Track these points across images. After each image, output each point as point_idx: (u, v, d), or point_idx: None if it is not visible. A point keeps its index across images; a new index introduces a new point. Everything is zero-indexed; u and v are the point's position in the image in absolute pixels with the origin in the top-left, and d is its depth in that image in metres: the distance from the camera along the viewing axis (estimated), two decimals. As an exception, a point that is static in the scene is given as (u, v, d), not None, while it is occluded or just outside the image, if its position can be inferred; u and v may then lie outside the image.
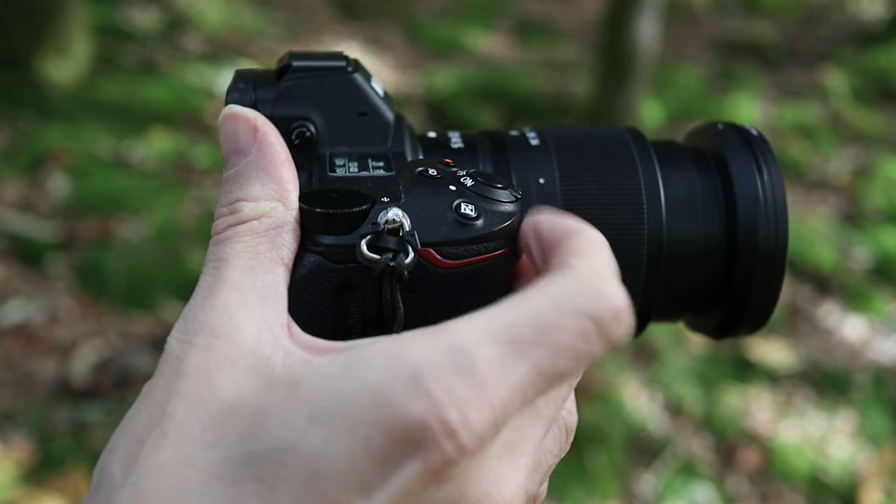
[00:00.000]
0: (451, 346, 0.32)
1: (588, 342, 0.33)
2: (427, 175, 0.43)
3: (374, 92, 0.49)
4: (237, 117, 0.42)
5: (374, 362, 0.32)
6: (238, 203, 0.40)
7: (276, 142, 0.42)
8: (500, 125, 3.14)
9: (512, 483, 0.34)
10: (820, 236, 3.16)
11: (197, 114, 3.35)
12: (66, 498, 1.88)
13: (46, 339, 2.29)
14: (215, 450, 0.32)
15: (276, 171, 0.41)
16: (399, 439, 0.30)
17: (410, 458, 0.30)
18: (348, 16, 4.50)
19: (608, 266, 0.36)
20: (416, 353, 0.32)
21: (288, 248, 0.39)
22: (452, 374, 0.31)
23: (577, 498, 2.11)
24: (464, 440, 0.30)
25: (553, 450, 0.39)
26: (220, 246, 0.39)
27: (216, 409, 0.32)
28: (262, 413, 0.32)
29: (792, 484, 2.27)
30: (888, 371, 2.65)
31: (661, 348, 2.55)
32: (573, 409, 0.41)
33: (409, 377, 0.31)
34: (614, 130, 0.55)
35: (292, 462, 0.31)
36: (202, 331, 0.35)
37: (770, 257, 0.51)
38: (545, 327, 0.33)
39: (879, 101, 4.29)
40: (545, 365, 0.33)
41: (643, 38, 3.31)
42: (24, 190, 2.79)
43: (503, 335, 0.32)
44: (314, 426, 0.31)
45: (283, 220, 0.40)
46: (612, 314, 0.34)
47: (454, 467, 0.31)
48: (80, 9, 3.41)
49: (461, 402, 0.30)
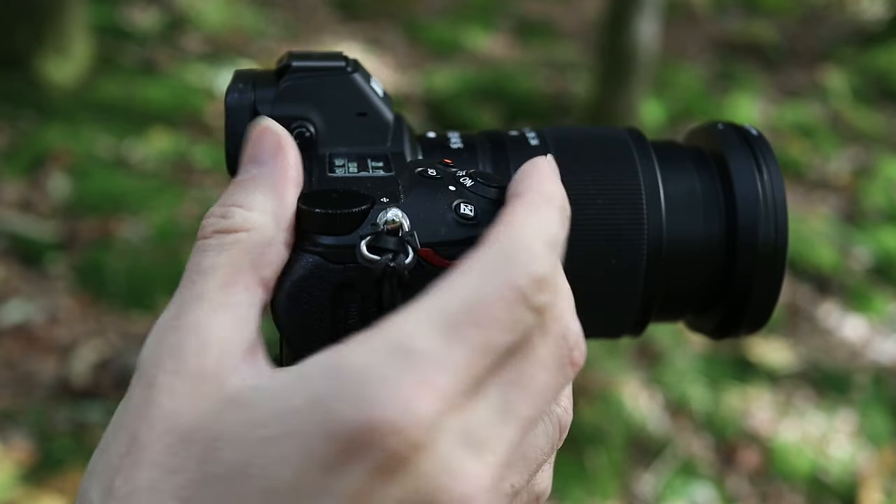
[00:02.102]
0: (388, 343, 0.32)
1: (515, 312, 0.34)
2: (426, 175, 0.43)
3: (374, 92, 0.49)
4: (266, 130, 0.42)
5: (318, 374, 0.32)
6: (233, 208, 0.40)
7: (293, 163, 0.42)
8: (500, 125, 3.14)
9: (475, 478, 0.33)
10: (820, 236, 3.17)
11: (197, 114, 3.35)
12: (66, 498, 1.88)
13: (46, 339, 2.30)
14: (180, 474, 0.32)
15: (283, 190, 0.40)
16: (344, 445, 0.31)
17: (357, 461, 0.31)
18: (348, 16, 4.50)
19: (534, 230, 0.36)
20: (355, 357, 0.32)
21: (271, 268, 0.39)
22: (391, 370, 0.31)
23: (577, 498, 2.11)
24: (410, 434, 0.31)
25: (542, 445, 0.39)
26: (202, 254, 0.38)
27: (178, 434, 0.33)
28: (217, 436, 0.33)
29: (792, 484, 2.27)
30: (888, 371, 2.65)
31: (662, 348, 2.55)
32: (568, 406, 0.41)
33: (348, 382, 0.31)
34: (614, 130, 0.55)
35: (248, 482, 0.31)
36: (171, 353, 0.35)
37: (770, 257, 0.51)
38: (475, 305, 0.33)
39: (879, 101, 4.29)
40: (482, 342, 0.33)
41: (643, 38, 3.31)
42: (24, 190, 2.79)
43: (441, 322, 0.32)
44: (265, 445, 0.31)
45: (272, 238, 0.39)
46: (532, 279, 0.34)
47: (405, 463, 0.31)
48: (80, 9, 3.41)
49: (402, 397, 0.31)
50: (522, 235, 0.36)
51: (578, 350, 0.38)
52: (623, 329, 0.54)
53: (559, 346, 0.37)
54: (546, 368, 0.37)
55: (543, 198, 0.38)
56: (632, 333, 0.55)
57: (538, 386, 0.36)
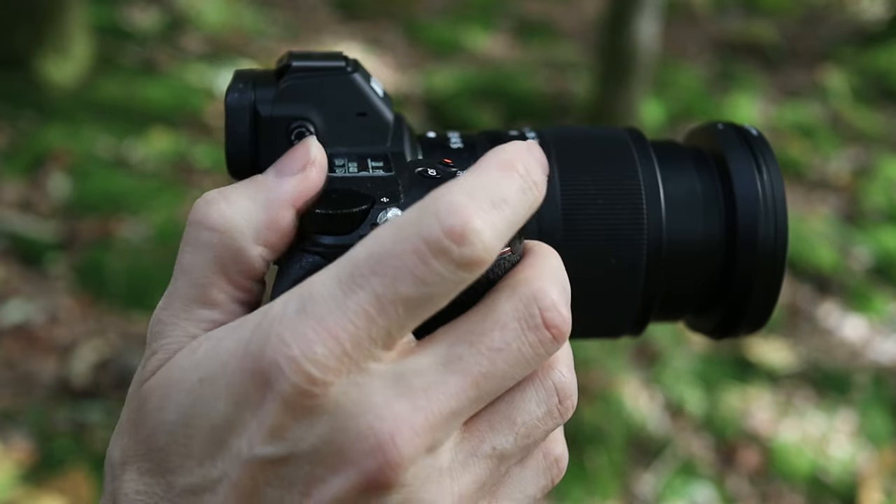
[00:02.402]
0: (302, 292, 0.35)
1: (427, 264, 0.34)
2: (426, 175, 0.43)
3: (374, 92, 0.49)
4: (305, 146, 0.43)
5: (250, 321, 0.36)
6: (219, 200, 0.40)
7: (305, 190, 0.42)
8: (500, 125, 3.14)
9: (403, 420, 0.34)
10: (820, 236, 3.17)
11: (197, 114, 3.35)
12: (66, 498, 1.88)
13: (46, 339, 2.30)
14: (144, 427, 0.37)
15: (278, 209, 0.41)
16: (259, 381, 0.34)
17: (268, 393, 0.34)
18: (348, 16, 4.50)
19: (466, 186, 0.36)
20: (276, 305, 0.35)
21: (243, 276, 0.40)
22: (298, 314, 0.34)
23: (577, 498, 2.11)
24: (309, 371, 0.33)
25: (533, 410, 0.39)
26: (183, 249, 0.41)
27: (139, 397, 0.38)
28: (167, 386, 0.37)
29: (792, 484, 2.27)
30: (888, 371, 2.65)
31: (661, 348, 2.55)
32: (565, 371, 0.40)
33: (263, 326, 0.35)
34: (614, 130, 0.55)
35: (196, 422, 0.36)
36: (156, 342, 0.40)
37: (770, 257, 0.51)
38: (380, 256, 0.34)
39: (879, 101, 4.29)
40: (384, 291, 0.34)
41: (643, 38, 3.31)
42: (24, 190, 2.79)
43: (344, 271, 0.35)
44: (204, 387, 0.36)
45: (242, 248, 0.40)
46: (444, 232, 0.34)
47: (312, 398, 0.34)
48: (80, 9, 3.41)
49: (303, 338, 0.34)
50: (449, 191, 0.35)
51: (554, 312, 0.37)
52: (623, 329, 0.54)
53: (521, 305, 0.37)
54: (502, 326, 0.37)
55: (497, 161, 0.37)
56: (632, 333, 0.55)
57: (492, 342, 0.37)
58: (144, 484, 0.37)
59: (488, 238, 0.35)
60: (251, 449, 0.35)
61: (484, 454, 0.38)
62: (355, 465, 0.34)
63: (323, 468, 0.34)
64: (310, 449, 0.34)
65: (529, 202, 0.37)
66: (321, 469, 0.34)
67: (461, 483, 0.37)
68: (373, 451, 0.34)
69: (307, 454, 0.34)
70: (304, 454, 0.34)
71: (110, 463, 0.39)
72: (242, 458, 0.35)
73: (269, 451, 0.34)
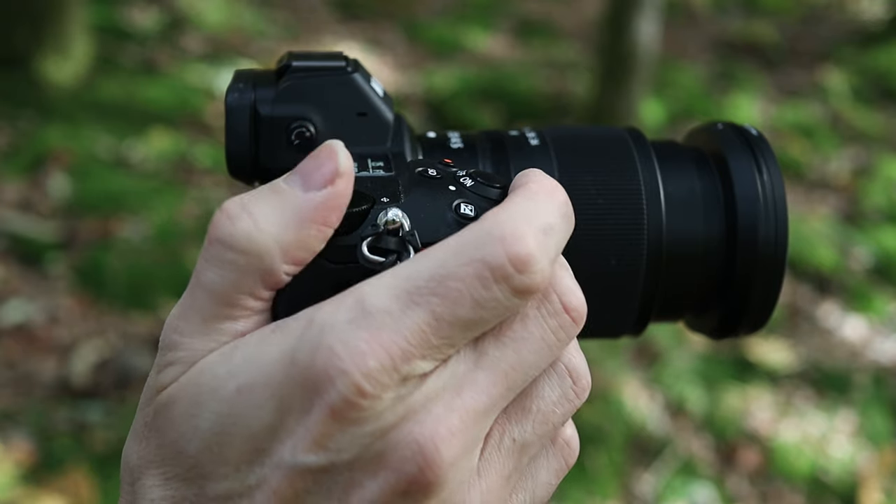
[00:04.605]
0: (354, 302, 0.35)
1: (487, 290, 0.35)
2: (427, 175, 0.43)
3: (374, 92, 0.49)
4: (332, 153, 0.39)
5: (294, 329, 0.36)
6: (244, 217, 0.37)
7: (336, 206, 0.38)
8: (500, 125, 3.13)
9: (440, 422, 0.35)
10: (820, 236, 3.17)
11: (197, 114, 3.35)
12: (66, 498, 1.88)
13: (46, 339, 2.30)
14: (172, 431, 0.37)
15: (307, 229, 0.38)
16: (307, 390, 0.34)
17: (316, 402, 0.34)
18: (348, 16, 4.50)
19: (523, 213, 0.36)
20: (323, 313, 0.35)
21: (267, 292, 0.38)
22: (350, 325, 0.34)
23: (577, 498, 2.11)
24: (361, 385, 0.33)
25: (551, 396, 0.40)
26: (204, 265, 0.38)
27: (164, 402, 0.38)
28: (199, 393, 0.37)
29: (792, 484, 2.27)
30: (888, 371, 2.65)
31: (661, 348, 2.55)
32: (574, 352, 0.41)
33: (315, 335, 0.35)
34: (614, 130, 0.55)
35: (233, 430, 0.36)
36: (173, 350, 0.39)
37: (770, 257, 0.51)
38: (440, 276, 0.35)
39: (879, 101, 4.29)
40: (442, 312, 0.35)
41: (643, 38, 3.31)
42: (24, 190, 2.79)
43: (401, 287, 0.35)
44: (243, 395, 0.35)
45: (272, 269, 0.38)
46: (508, 260, 0.35)
47: (359, 409, 0.34)
48: (80, 9, 3.41)
49: (356, 351, 0.34)
50: (510, 217, 0.36)
51: (571, 295, 0.38)
52: (623, 329, 0.54)
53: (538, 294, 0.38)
54: (523, 316, 0.38)
55: (543, 188, 0.39)
56: (632, 333, 0.55)
57: (515, 333, 0.38)
58: (172, 489, 0.37)
59: (545, 266, 0.36)
60: (294, 456, 0.35)
61: (506, 448, 0.38)
62: (394, 470, 0.35)
63: (362, 474, 0.35)
64: (351, 457, 0.35)
65: (568, 230, 0.39)
66: (360, 475, 0.35)
67: (488, 480, 0.38)
68: (413, 456, 0.34)
69: (348, 462, 0.35)
70: (345, 462, 0.35)
71: (127, 468, 0.39)
72: (284, 466, 0.35)
73: (313, 460, 0.35)
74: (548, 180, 0.39)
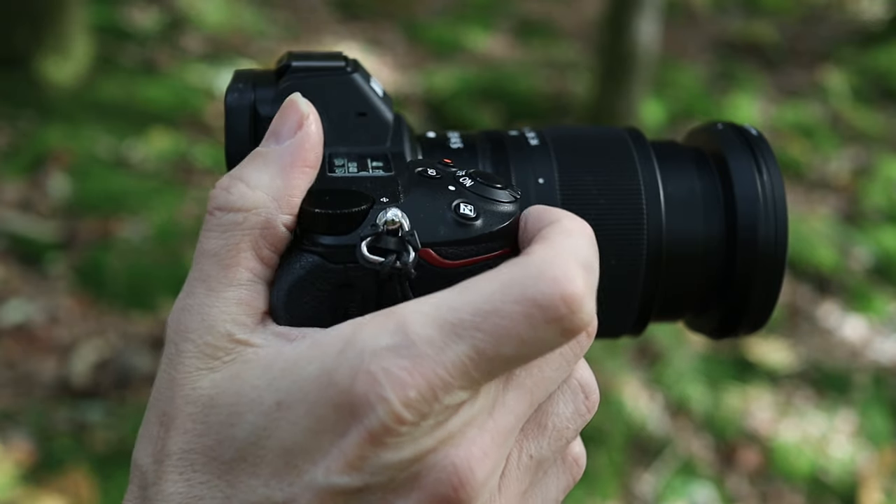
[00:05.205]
0: (396, 328, 0.35)
1: (535, 329, 0.35)
2: (426, 175, 0.43)
3: (374, 92, 0.49)
4: (292, 105, 0.43)
5: (332, 347, 0.36)
6: (238, 182, 0.41)
7: (311, 147, 0.42)
8: (500, 125, 3.13)
9: (473, 443, 0.35)
10: (820, 236, 3.16)
11: (197, 114, 3.35)
12: (66, 498, 1.88)
13: (46, 339, 2.30)
14: (206, 437, 0.37)
15: (291, 174, 0.41)
16: (344, 413, 0.34)
17: (353, 426, 0.34)
18: (348, 16, 4.50)
19: (569, 252, 0.37)
20: (364, 336, 0.35)
21: (269, 249, 0.40)
22: (392, 353, 0.34)
23: (577, 498, 2.11)
24: (401, 413, 0.34)
25: (565, 412, 0.40)
26: (206, 235, 0.40)
27: (201, 404, 0.37)
28: (238, 402, 0.37)
29: (792, 484, 2.27)
30: (888, 371, 2.65)
31: (662, 348, 2.55)
32: (583, 367, 0.41)
33: (355, 358, 0.35)
34: (614, 130, 0.55)
35: (268, 443, 0.36)
36: (181, 333, 0.39)
37: (770, 257, 0.51)
38: (487, 312, 0.35)
39: (879, 101, 4.29)
40: (485, 348, 0.34)
41: (643, 38, 3.31)
42: (24, 190, 2.79)
43: (445, 318, 0.35)
44: (281, 411, 0.35)
45: (270, 220, 0.40)
46: (561, 300, 0.34)
47: (396, 435, 0.34)
48: (80, 9, 3.41)
49: (397, 380, 0.34)
50: (558, 256, 0.36)
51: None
52: (623, 329, 0.54)
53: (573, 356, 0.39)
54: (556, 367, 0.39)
55: (577, 226, 0.39)
56: (632, 333, 0.55)
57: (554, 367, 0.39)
58: (200, 490, 0.37)
59: (593, 306, 0.36)
60: (328, 477, 0.35)
61: (524, 464, 0.39)
62: (428, 491, 0.35)
63: (394, 495, 0.35)
64: (385, 479, 0.35)
65: (598, 267, 0.39)
66: (392, 496, 0.35)
67: (507, 496, 0.38)
68: (448, 478, 0.35)
69: (381, 484, 0.35)
70: (378, 484, 0.35)
71: (140, 467, 0.39)
72: (316, 486, 0.35)
73: (346, 482, 0.35)
74: (577, 217, 0.40)
